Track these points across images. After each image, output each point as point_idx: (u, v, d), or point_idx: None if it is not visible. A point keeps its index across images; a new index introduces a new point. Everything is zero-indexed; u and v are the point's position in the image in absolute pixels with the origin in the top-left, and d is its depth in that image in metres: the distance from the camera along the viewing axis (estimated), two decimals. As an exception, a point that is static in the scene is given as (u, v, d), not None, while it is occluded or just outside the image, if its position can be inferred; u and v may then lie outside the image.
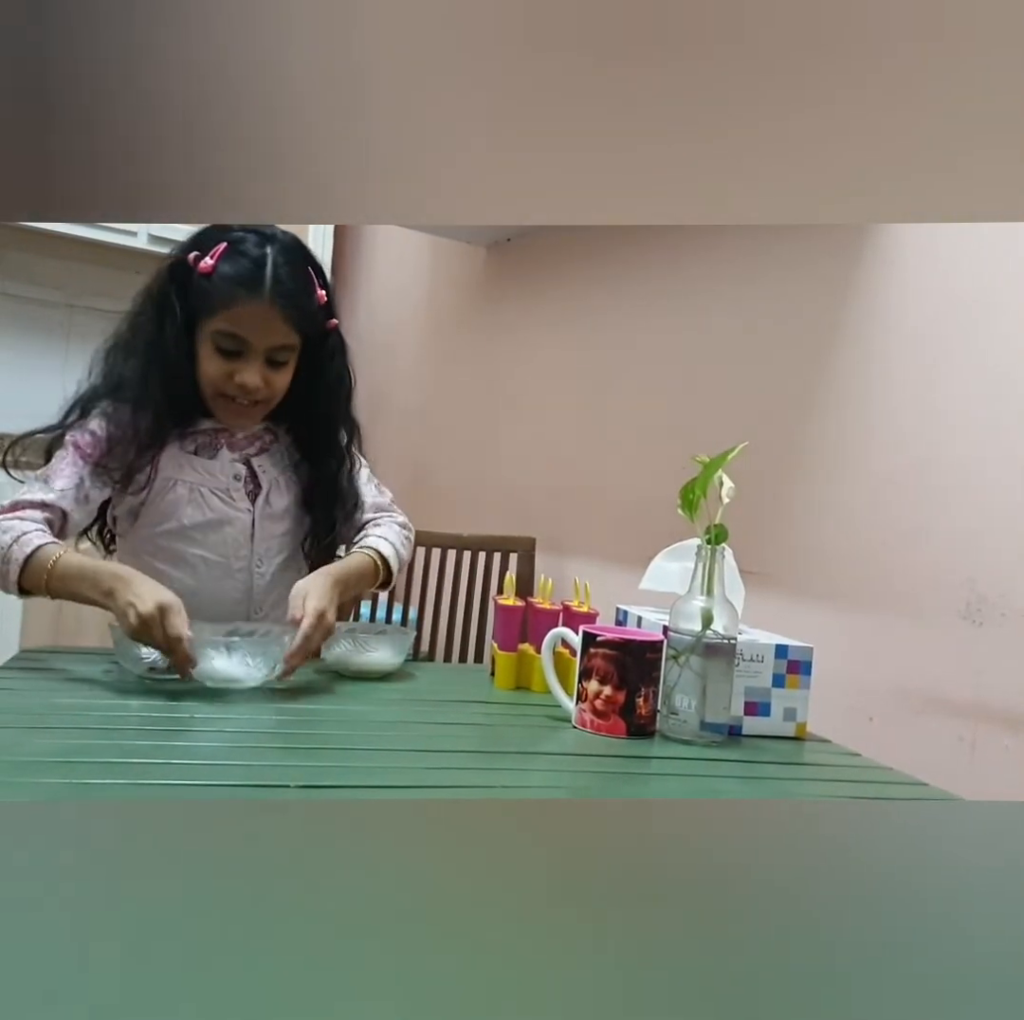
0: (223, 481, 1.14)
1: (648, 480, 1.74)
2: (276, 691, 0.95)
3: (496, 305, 2.35)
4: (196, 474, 1.13)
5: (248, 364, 1.09)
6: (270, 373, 1.11)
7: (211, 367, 1.09)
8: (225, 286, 1.06)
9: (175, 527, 1.12)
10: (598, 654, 0.90)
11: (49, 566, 0.98)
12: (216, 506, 1.13)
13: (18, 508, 1.04)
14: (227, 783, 0.67)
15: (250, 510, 1.15)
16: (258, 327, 1.07)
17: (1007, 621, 1.13)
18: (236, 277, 1.06)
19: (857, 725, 1.28)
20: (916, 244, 1.31)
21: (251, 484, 1.16)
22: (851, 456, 1.37)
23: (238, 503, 1.15)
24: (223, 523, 1.13)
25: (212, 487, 1.14)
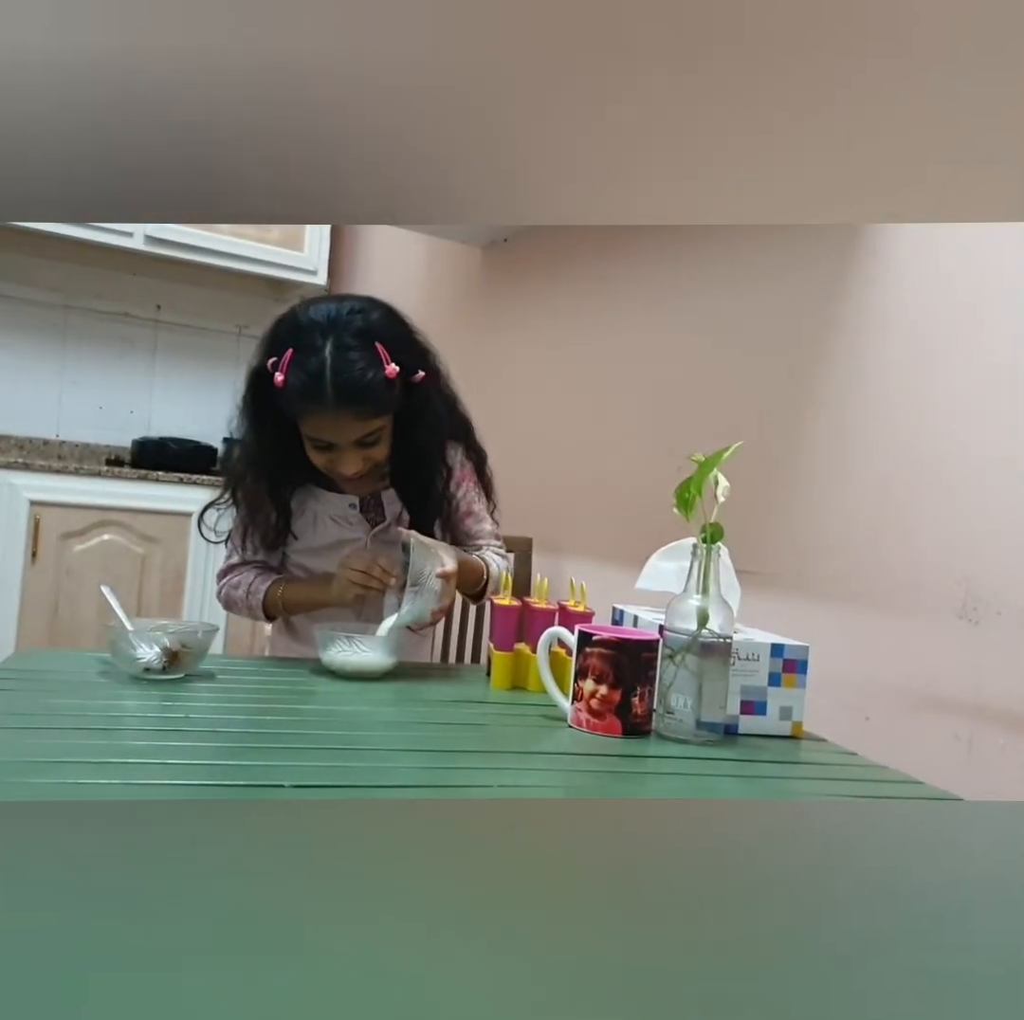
0: (340, 509, 1.29)
1: (644, 479, 1.74)
2: (274, 690, 0.95)
3: (492, 305, 2.35)
4: (318, 503, 1.29)
5: (342, 455, 1.20)
6: (366, 452, 1.21)
7: (314, 458, 1.22)
8: (295, 400, 1.15)
9: (302, 547, 1.30)
10: (594, 653, 0.90)
11: (279, 595, 1.26)
12: (333, 530, 1.29)
13: (232, 570, 1.31)
14: (222, 783, 0.67)
15: (366, 533, 1.30)
16: (335, 429, 1.17)
17: (1003, 619, 1.13)
18: (302, 391, 1.14)
19: (853, 724, 1.28)
20: (910, 243, 1.31)
21: (373, 512, 1.31)
22: (846, 455, 1.37)
23: (355, 527, 1.30)
24: (340, 545, 1.28)
25: (331, 514, 1.29)
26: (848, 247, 1.40)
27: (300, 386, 1.13)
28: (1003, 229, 1.18)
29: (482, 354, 2.35)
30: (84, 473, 2.56)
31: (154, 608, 2.49)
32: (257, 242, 2.94)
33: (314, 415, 1.15)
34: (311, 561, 1.31)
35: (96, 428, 3.06)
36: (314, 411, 1.15)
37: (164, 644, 0.96)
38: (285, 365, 1.14)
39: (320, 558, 1.29)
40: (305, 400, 1.14)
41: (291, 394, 1.14)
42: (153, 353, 3.15)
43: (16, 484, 2.46)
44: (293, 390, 1.14)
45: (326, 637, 1.08)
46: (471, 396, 2.43)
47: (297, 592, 1.27)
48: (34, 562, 2.45)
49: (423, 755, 0.80)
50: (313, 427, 1.18)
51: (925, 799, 0.79)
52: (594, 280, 1.97)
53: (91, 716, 0.82)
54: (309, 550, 1.30)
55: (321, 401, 1.13)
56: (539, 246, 2.18)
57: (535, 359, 2.15)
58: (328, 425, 1.16)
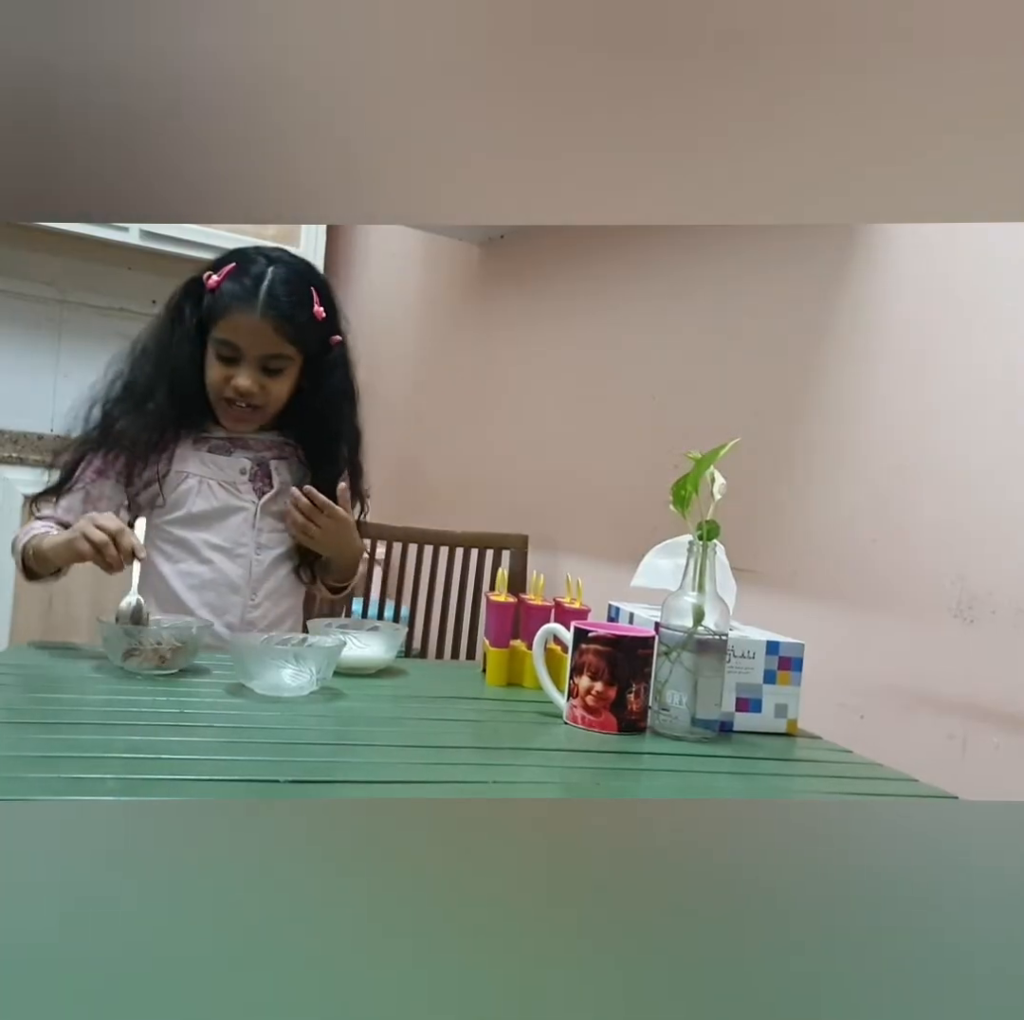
0: (230, 475, 1.25)
1: (641, 477, 1.74)
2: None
3: (489, 302, 2.34)
4: (205, 468, 1.24)
5: (243, 369, 1.20)
6: (265, 379, 1.21)
7: (212, 372, 1.22)
8: (225, 299, 1.19)
9: (183, 515, 1.23)
10: (589, 650, 0.90)
11: (33, 544, 1.15)
12: (221, 497, 1.24)
13: (43, 519, 1.23)
14: (216, 777, 0.67)
15: (254, 502, 1.26)
16: (250, 336, 1.19)
17: (998, 618, 1.13)
18: (235, 292, 1.19)
19: (848, 722, 1.28)
20: (906, 241, 1.31)
21: (261, 481, 1.27)
22: (842, 454, 1.37)
23: (244, 495, 1.25)
24: (228, 512, 1.24)
25: (220, 480, 1.24)
26: (845, 246, 1.40)
27: (232, 289, 1.19)
28: (1001, 229, 1.18)
29: (478, 350, 2.35)
30: (78, 468, 2.55)
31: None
32: (253, 238, 2.93)
33: (235, 315, 1.18)
34: (188, 531, 1.23)
35: (90, 423, 3.05)
36: (236, 311, 1.18)
37: (158, 639, 0.96)
38: (224, 274, 1.20)
39: (199, 528, 1.23)
40: (232, 298, 1.18)
41: (221, 295, 1.19)
42: (148, 348, 3.14)
43: (10, 478, 2.46)
44: (225, 291, 1.19)
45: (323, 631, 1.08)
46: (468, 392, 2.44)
47: (44, 538, 1.13)
48: (28, 557, 2.44)
49: (418, 751, 0.80)
50: (228, 329, 1.19)
51: (919, 797, 0.79)
52: (591, 276, 1.97)
53: (85, 711, 0.82)
54: (188, 517, 1.22)
55: (248, 303, 1.18)
56: (536, 243, 2.18)
57: (531, 355, 2.15)
58: (244, 328, 1.18)
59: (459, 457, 2.40)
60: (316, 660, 0.92)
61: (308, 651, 0.94)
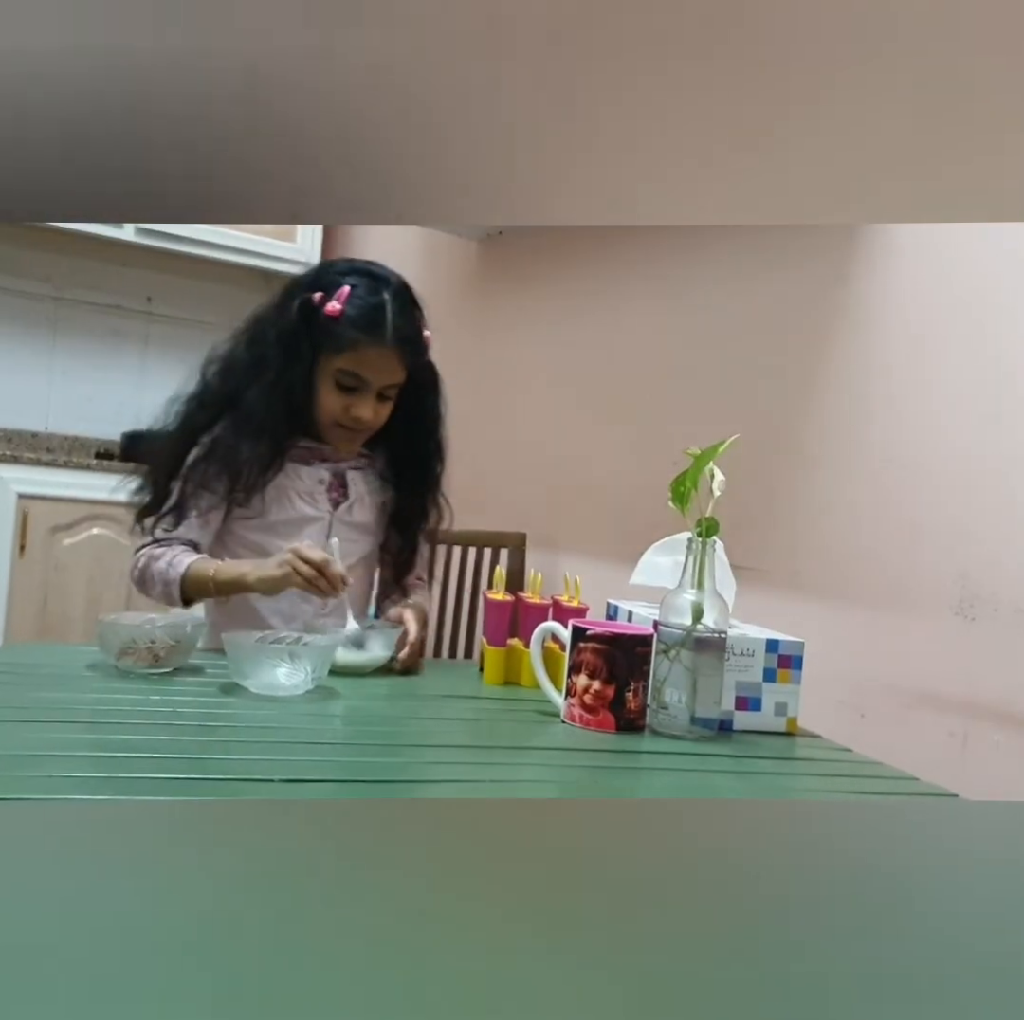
0: (308, 485, 1.26)
1: (640, 474, 1.73)
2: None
3: (487, 299, 2.34)
4: (286, 478, 1.24)
5: (363, 399, 1.21)
6: (378, 406, 1.23)
7: (329, 400, 1.21)
8: (351, 330, 1.17)
9: (261, 522, 1.24)
10: (587, 648, 0.89)
11: (211, 575, 1.14)
12: (298, 506, 1.25)
13: (157, 543, 1.21)
14: (210, 776, 0.66)
15: (329, 513, 1.27)
16: (377, 368, 1.19)
17: (999, 616, 1.12)
18: (360, 324, 1.17)
19: (848, 721, 1.27)
20: (909, 240, 1.31)
21: (336, 492, 1.28)
22: (844, 451, 1.36)
23: (319, 505, 1.26)
24: (304, 521, 1.25)
25: (298, 490, 1.25)
26: (846, 246, 1.39)
27: (358, 316, 1.17)
28: (1000, 228, 1.17)
29: (476, 347, 2.34)
30: (73, 466, 2.54)
31: (144, 602, 2.48)
32: (249, 234, 2.93)
33: (362, 347, 1.17)
34: (265, 538, 1.24)
35: (86, 421, 3.04)
36: (364, 343, 1.17)
37: (152, 638, 0.95)
38: (342, 298, 1.17)
39: (276, 535, 1.23)
40: (360, 330, 1.17)
41: (346, 323, 1.17)
42: (144, 345, 3.14)
43: (4, 477, 2.45)
44: (349, 319, 1.17)
45: None
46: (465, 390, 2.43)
47: (230, 568, 1.15)
48: (22, 556, 2.43)
49: (415, 750, 0.80)
50: (354, 360, 1.18)
51: (920, 795, 0.79)
52: (590, 274, 1.96)
53: (79, 710, 0.81)
54: (266, 525, 1.24)
55: (376, 333, 1.17)
56: (534, 240, 2.17)
57: (529, 352, 2.15)
58: (371, 360, 1.18)
59: (456, 454, 2.40)
60: (311, 659, 0.91)
61: (303, 650, 0.94)
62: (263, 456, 1.20)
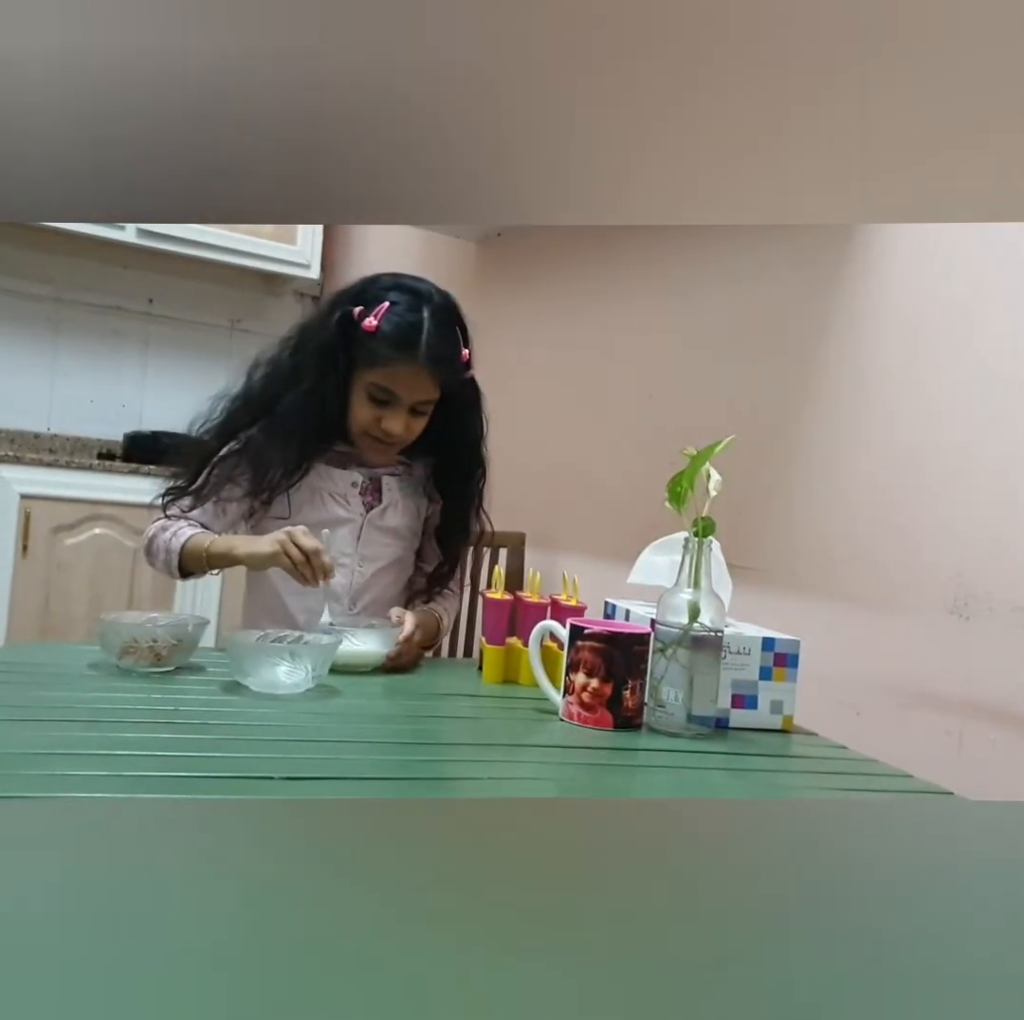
0: (342, 487, 1.29)
1: (637, 474, 1.74)
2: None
3: (486, 300, 2.34)
4: (320, 480, 1.28)
5: (395, 413, 1.24)
6: (411, 420, 1.25)
7: (362, 412, 1.25)
8: (385, 346, 1.20)
9: (294, 523, 1.24)
10: (585, 647, 0.90)
11: (206, 546, 1.19)
12: (331, 508, 1.28)
13: (170, 518, 1.25)
14: (210, 774, 0.67)
15: (362, 515, 1.30)
16: (409, 385, 1.22)
17: (995, 616, 1.13)
18: (395, 341, 1.20)
19: (844, 720, 1.28)
20: (905, 241, 1.31)
21: (371, 496, 1.31)
22: (839, 451, 1.37)
23: (352, 508, 1.30)
24: (335, 523, 1.27)
25: (331, 491, 1.29)
26: (843, 246, 1.40)
27: (393, 333, 1.19)
28: (998, 229, 1.18)
29: (475, 348, 2.35)
30: (75, 467, 2.55)
31: (146, 602, 2.48)
32: (250, 236, 2.93)
33: (396, 363, 1.20)
34: None
35: (87, 421, 3.05)
36: (397, 359, 1.19)
37: (154, 637, 0.96)
38: (380, 314, 1.20)
39: None
40: (394, 346, 1.19)
41: (382, 339, 1.19)
42: (145, 346, 3.14)
43: (6, 477, 2.45)
44: (384, 336, 1.19)
45: None
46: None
47: (223, 541, 1.20)
48: (25, 556, 2.44)
49: (414, 748, 0.80)
50: (387, 376, 1.21)
51: (915, 793, 0.79)
52: (588, 274, 1.97)
53: (81, 708, 0.81)
54: (297, 525, 1.27)
55: (410, 351, 1.19)
56: (533, 241, 2.18)
57: (528, 353, 2.15)
58: (403, 377, 1.20)
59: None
60: (311, 658, 0.92)
61: (303, 649, 0.94)
62: (289, 460, 1.23)
